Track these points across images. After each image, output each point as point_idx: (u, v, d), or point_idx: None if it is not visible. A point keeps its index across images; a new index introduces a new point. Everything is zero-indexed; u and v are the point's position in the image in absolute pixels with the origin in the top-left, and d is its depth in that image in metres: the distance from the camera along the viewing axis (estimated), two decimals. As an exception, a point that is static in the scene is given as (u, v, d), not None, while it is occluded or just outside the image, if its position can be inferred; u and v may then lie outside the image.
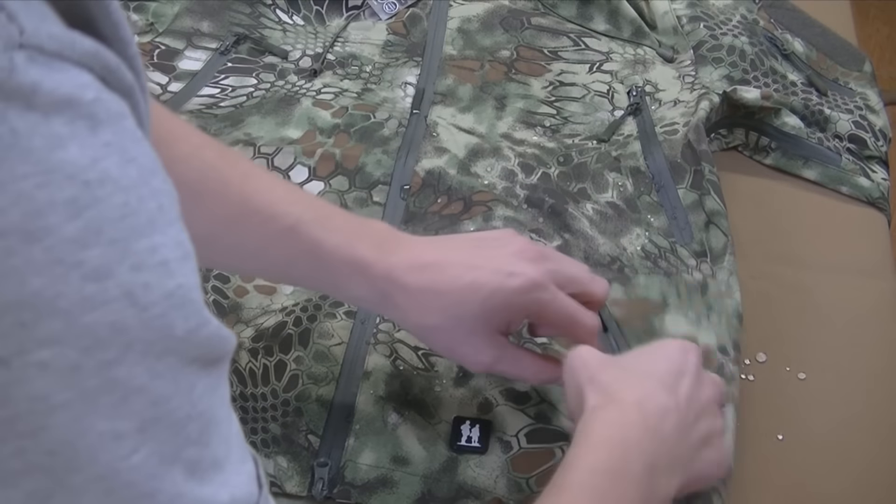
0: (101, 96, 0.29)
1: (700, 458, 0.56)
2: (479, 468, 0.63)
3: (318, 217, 0.58)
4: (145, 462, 0.30)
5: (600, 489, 0.50)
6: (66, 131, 0.27)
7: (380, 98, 0.88)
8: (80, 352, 0.28)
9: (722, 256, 0.76)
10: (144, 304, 0.29)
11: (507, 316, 0.59)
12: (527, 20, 0.95)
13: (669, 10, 0.96)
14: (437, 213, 0.77)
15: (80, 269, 0.28)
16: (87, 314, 0.28)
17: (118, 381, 0.29)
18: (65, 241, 0.27)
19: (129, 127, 0.30)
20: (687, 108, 0.86)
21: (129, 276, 0.29)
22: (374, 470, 0.63)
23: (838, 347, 0.76)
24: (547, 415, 0.66)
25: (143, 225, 0.30)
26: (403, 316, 0.60)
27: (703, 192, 0.79)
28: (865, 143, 0.89)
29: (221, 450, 0.34)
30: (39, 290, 0.27)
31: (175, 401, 0.31)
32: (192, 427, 0.32)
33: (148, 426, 0.30)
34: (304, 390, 0.66)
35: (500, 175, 0.81)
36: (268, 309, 0.71)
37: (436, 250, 0.60)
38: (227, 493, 0.34)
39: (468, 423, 0.65)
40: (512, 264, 0.58)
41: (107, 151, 0.28)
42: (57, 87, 0.27)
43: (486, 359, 0.60)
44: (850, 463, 0.69)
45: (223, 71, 0.90)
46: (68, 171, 0.27)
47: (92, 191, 0.28)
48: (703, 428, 0.56)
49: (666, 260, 0.76)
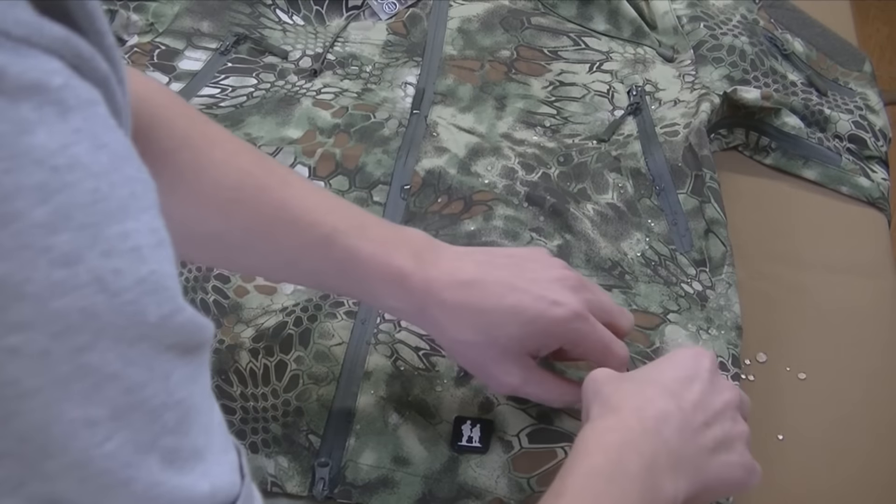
0: (71, 83, 0.29)
1: (716, 463, 0.55)
2: (479, 468, 0.64)
3: (354, 226, 0.58)
4: (120, 450, 0.30)
5: (597, 491, 0.50)
6: (34, 116, 0.27)
7: (380, 98, 0.88)
8: (51, 337, 0.28)
9: (721, 267, 0.76)
10: (116, 290, 0.29)
11: (543, 341, 0.60)
12: (527, 20, 0.95)
13: (669, 9, 0.96)
14: (438, 213, 0.77)
15: (49, 255, 0.27)
16: (56, 299, 0.28)
17: (90, 367, 0.29)
18: (33, 227, 0.27)
19: (101, 113, 0.30)
20: (687, 108, 0.86)
21: (100, 261, 0.29)
22: (375, 470, 0.63)
23: (838, 347, 0.76)
24: (549, 415, 0.66)
25: (114, 211, 0.29)
26: (440, 330, 0.59)
27: (704, 199, 0.79)
28: (865, 143, 0.89)
29: (201, 439, 0.34)
30: (7, 275, 0.27)
31: (150, 388, 0.31)
32: (168, 415, 0.32)
33: (122, 414, 0.30)
34: (304, 390, 0.66)
35: (501, 173, 0.81)
36: (268, 309, 0.71)
37: (476, 267, 0.60)
38: (208, 482, 0.34)
39: (469, 423, 0.65)
40: (555, 292, 0.58)
41: (77, 137, 0.28)
42: (24, 73, 0.27)
43: (515, 381, 0.60)
44: (849, 463, 0.69)
45: (223, 71, 0.90)
46: (36, 157, 0.27)
47: (61, 176, 0.28)
48: (716, 432, 0.55)
49: (666, 268, 0.76)
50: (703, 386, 0.56)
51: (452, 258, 0.60)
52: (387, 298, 0.59)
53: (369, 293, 0.60)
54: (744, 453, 0.57)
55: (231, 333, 0.70)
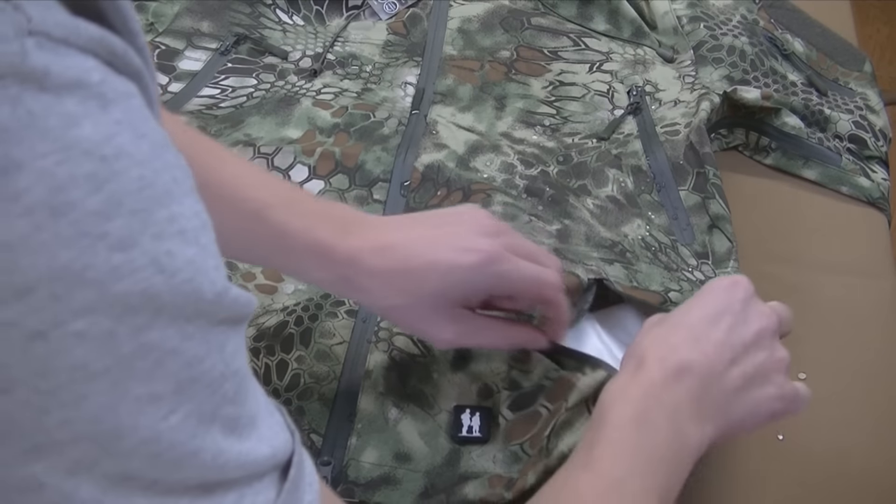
0: (108, 78, 0.30)
1: (746, 401, 0.55)
2: (480, 457, 0.64)
3: (283, 201, 0.59)
4: (184, 422, 0.32)
5: (627, 439, 0.51)
6: (78, 110, 0.28)
7: (380, 98, 0.88)
8: (114, 319, 0.29)
9: (726, 261, 0.76)
10: (171, 271, 0.30)
11: (466, 291, 0.60)
12: (527, 20, 0.95)
13: (669, 10, 0.96)
14: (438, 206, 0.77)
15: (106, 240, 0.29)
16: (117, 283, 0.29)
17: (152, 345, 0.30)
18: (88, 214, 0.28)
19: (138, 105, 0.31)
20: (687, 109, 0.87)
21: (153, 244, 0.30)
22: (377, 468, 0.63)
23: (838, 347, 0.76)
24: (516, 380, 0.66)
25: (160, 196, 0.31)
26: (367, 297, 0.60)
27: (708, 195, 0.79)
28: (865, 143, 0.89)
29: (255, 405, 0.36)
30: (69, 263, 0.28)
31: (208, 361, 0.32)
32: (227, 386, 0.33)
33: (184, 387, 0.31)
34: (305, 389, 0.66)
35: (500, 168, 0.81)
36: (269, 308, 0.71)
37: (397, 230, 0.60)
38: (267, 445, 0.36)
39: (468, 412, 0.65)
40: (468, 240, 0.59)
41: (119, 128, 0.29)
42: (65, 70, 0.28)
43: (450, 335, 0.61)
44: (850, 463, 0.69)
45: (223, 71, 0.90)
46: (85, 148, 0.28)
47: (109, 165, 0.29)
48: (746, 368, 0.55)
49: (666, 255, 0.76)
50: (731, 320, 0.56)
51: (376, 226, 0.61)
52: (314, 271, 0.60)
53: (298, 266, 0.60)
54: (782, 383, 0.56)
55: (232, 333, 0.70)
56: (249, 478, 0.35)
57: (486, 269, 0.58)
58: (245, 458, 0.34)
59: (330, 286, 0.63)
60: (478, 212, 0.62)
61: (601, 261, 0.72)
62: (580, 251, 0.73)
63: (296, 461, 0.38)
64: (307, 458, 0.39)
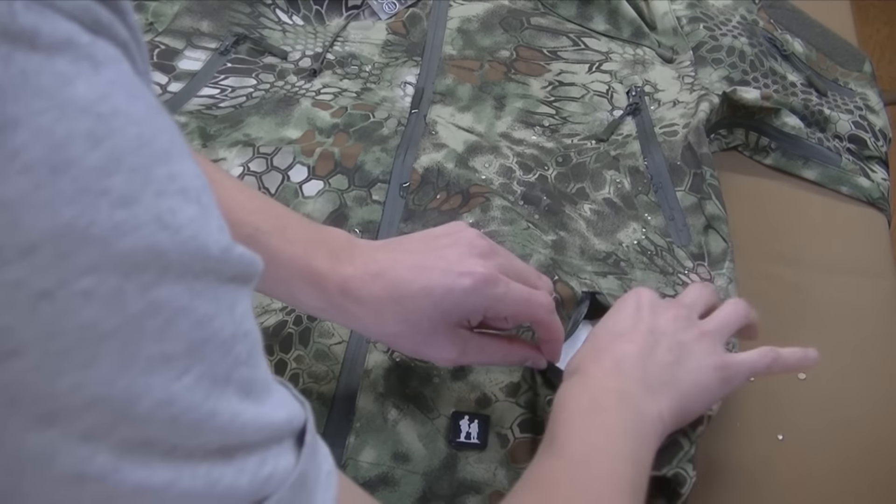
0: (96, 41, 0.29)
1: (683, 372, 0.59)
2: (478, 464, 0.64)
3: (276, 227, 0.59)
4: (198, 383, 0.31)
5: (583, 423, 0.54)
6: (71, 69, 0.28)
7: (379, 97, 0.88)
8: (121, 276, 0.29)
9: (721, 262, 0.76)
10: (176, 227, 0.30)
11: (464, 312, 0.60)
12: (526, 20, 0.95)
13: (669, 10, 0.96)
14: (437, 209, 0.77)
15: (108, 197, 0.28)
16: (121, 239, 0.29)
17: (161, 302, 0.30)
18: (89, 171, 0.28)
19: (127, 70, 0.31)
20: (686, 109, 0.86)
21: (155, 201, 0.30)
22: (375, 468, 0.63)
23: (838, 347, 0.76)
24: (534, 404, 0.66)
25: (159, 154, 0.30)
26: (363, 325, 0.60)
27: (704, 195, 0.79)
28: (865, 144, 0.89)
29: (267, 371, 0.35)
30: (72, 220, 0.27)
31: (219, 320, 0.32)
32: (239, 347, 0.33)
33: (196, 347, 0.31)
34: (304, 389, 0.66)
35: (498, 171, 0.81)
36: (268, 308, 0.71)
37: (386, 255, 0.60)
38: (284, 410, 0.36)
39: (467, 419, 0.65)
40: (462, 263, 0.58)
41: (113, 88, 0.29)
42: (55, 30, 0.28)
43: (451, 355, 0.61)
44: (850, 463, 0.69)
45: (223, 71, 0.90)
46: (81, 105, 0.28)
47: (106, 122, 0.29)
48: (670, 344, 0.59)
49: (662, 258, 0.76)
50: (647, 314, 0.61)
51: (366, 252, 0.60)
52: (307, 299, 0.59)
53: (290, 294, 0.60)
54: (709, 353, 0.60)
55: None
56: (268, 441, 0.35)
57: (481, 291, 0.58)
58: (263, 420, 0.34)
59: (325, 315, 0.63)
60: (470, 231, 0.61)
61: (595, 274, 0.73)
62: (574, 264, 0.73)
63: (310, 428, 0.37)
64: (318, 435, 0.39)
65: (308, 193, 0.78)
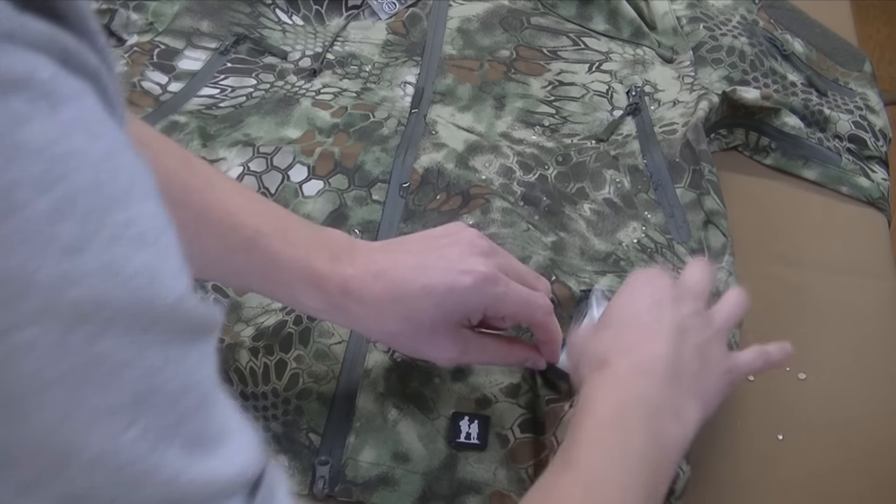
0: (58, 75, 0.29)
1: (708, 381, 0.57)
2: (478, 464, 0.64)
3: (277, 229, 0.59)
4: (143, 436, 0.30)
5: (603, 439, 0.52)
6: (25, 109, 0.27)
7: (379, 97, 0.88)
8: (65, 327, 0.28)
9: (721, 256, 0.76)
10: (125, 276, 0.29)
11: (465, 311, 0.60)
12: (526, 20, 0.95)
13: (669, 10, 0.96)
14: (437, 210, 0.77)
15: (57, 243, 0.27)
16: (68, 289, 0.28)
17: (105, 354, 0.29)
18: (38, 216, 0.27)
19: (91, 106, 0.30)
20: (686, 109, 0.86)
21: (107, 247, 0.29)
22: (375, 468, 0.63)
23: (838, 347, 0.76)
24: (534, 405, 0.66)
25: (117, 197, 0.29)
26: (364, 325, 0.60)
27: (703, 191, 0.79)
28: (865, 143, 0.89)
29: (222, 421, 0.34)
30: (17, 268, 0.27)
31: (167, 372, 0.31)
32: (188, 399, 0.32)
33: (142, 399, 0.30)
34: (304, 389, 0.66)
35: (498, 171, 0.81)
36: (268, 308, 0.71)
37: (387, 255, 0.60)
38: (239, 460, 0.34)
39: (467, 419, 0.65)
40: (463, 262, 0.58)
41: (72, 128, 0.28)
42: (10, 67, 0.27)
43: (452, 354, 0.61)
44: (850, 463, 0.69)
45: (223, 71, 0.90)
46: (33, 148, 0.27)
47: (60, 165, 0.28)
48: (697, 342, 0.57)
49: (662, 255, 0.76)
50: (668, 307, 0.58)
51: (366, 253, 0.60)
52: (308, 301, 0.59)
53: (291, 296, 0.60)
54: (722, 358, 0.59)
55: (231, 332, 0.70)
56: (216, 497, 0.33)
57: (482, 289, 0.58)
58: (211, 475, 0.33)
59: (326, 316, 0.63)
60: (470, 231, 0.61)
61: (594, 273, 0.73)
62: (574, 265, 0.73)
63: (266, 482, 0.36)
64: (281, 481, 0.38)
65: (308, 193, 0.78)
